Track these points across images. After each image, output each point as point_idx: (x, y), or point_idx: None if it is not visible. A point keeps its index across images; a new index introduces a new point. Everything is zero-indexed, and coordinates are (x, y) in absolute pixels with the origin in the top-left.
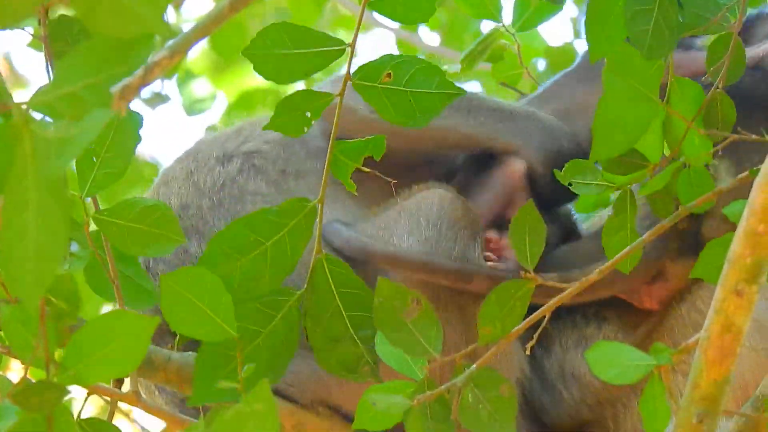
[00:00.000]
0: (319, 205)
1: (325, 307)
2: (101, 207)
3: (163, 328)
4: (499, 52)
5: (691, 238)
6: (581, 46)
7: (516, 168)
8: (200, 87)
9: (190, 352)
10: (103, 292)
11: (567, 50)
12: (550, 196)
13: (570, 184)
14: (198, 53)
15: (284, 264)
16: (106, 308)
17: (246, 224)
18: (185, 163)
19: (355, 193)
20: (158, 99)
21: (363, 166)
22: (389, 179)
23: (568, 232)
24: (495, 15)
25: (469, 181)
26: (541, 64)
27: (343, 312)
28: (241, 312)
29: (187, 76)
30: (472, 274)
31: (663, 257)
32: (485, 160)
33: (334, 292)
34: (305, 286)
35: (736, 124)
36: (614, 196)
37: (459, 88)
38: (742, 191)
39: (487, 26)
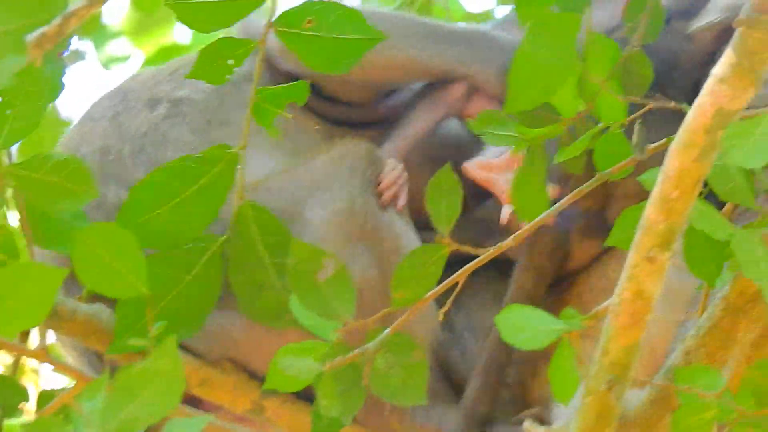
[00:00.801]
0: (242, 152)
1: (249, 254)
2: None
3: (69, 278)
4: (426, 5)
5: (596, 218)
6: (502, 14)
7: (456, 89)
8: (119, 46)
9: (97, 304)
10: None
11: (487, 17)
12: None
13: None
14: (120, 13)
15: (206, 212)
16: None
17: (166, 172)
18: (114, 101)
19: (281, 139)
20: (75, 56)
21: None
22: (315, 125)
23: None
24: None
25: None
26: None
27: (267, 259)
28: (161, 260)
29: (107, 35)
30: None
31: (571, 233)
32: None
33: (258, 239)
34: (228, 233)
35: (656, 85)
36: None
37: (379, 33)
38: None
39: None
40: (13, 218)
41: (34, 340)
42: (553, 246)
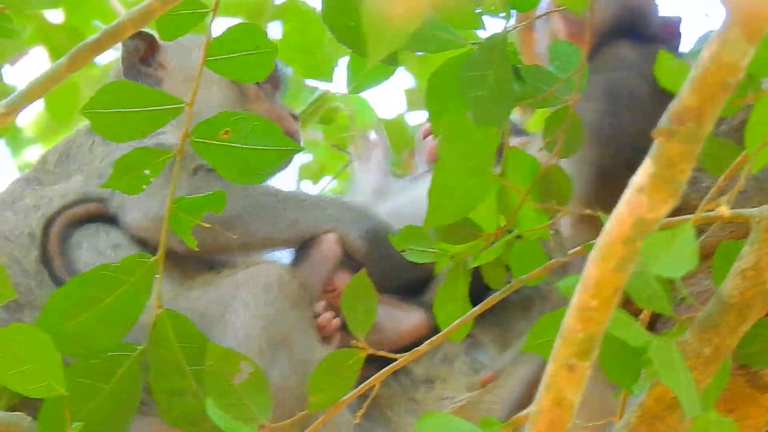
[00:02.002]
0: (159, 262)
1: (168, 361)
2: None
3: None
4: (331, 114)
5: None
6: (414, 119)
7: (328, 241)
8: (33, 151)
9: (18, 412)
10: None
11: (398, 122)
12: (386, 272)
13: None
14: (32, 116)
15: (124, 320)
16: None
17: (84, 281)
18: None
19: (196, 248)
20: None
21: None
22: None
23: None
24: (326, 75)
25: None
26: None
27: (185, 366)
28: (81, 368)
29: (20, 139)
30: None
31: None
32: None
33: (176, 347)
34: (147, 341)
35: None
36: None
37: (296, 144)
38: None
39: None
40: None
41: None
42: None
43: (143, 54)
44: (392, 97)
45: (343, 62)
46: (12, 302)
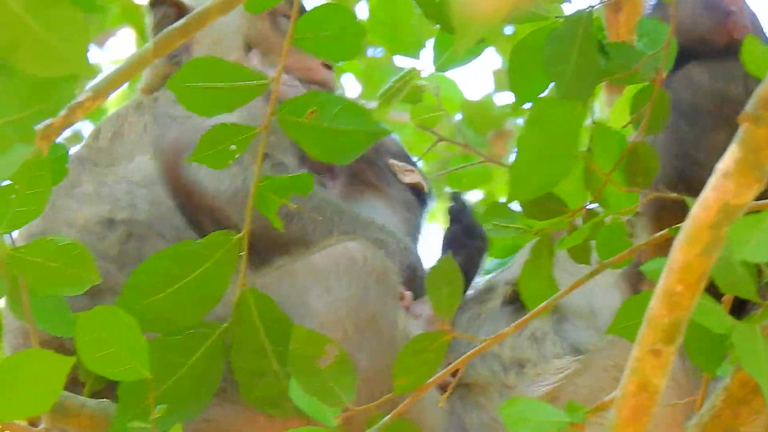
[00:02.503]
0: (243, 239)
1: (250, 341)
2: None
3: (74, 377)
4: (417, 92)
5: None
6: (501, 100)
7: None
8: None
9: (103, 399)
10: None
11: (485, 103)
12: None
13: None
14: (119, 94)
15: (208, 297)
16: None
17: (169, 257)
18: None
19: (282, 230)
20: (75, 139)
21: None
22: (317, 217)
23: None
24: (413, 51)
25: None
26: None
27: (268, 347)
28: (163, 345)
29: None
30: None
31: None
32: None
33: (259, 327)
34: (230, 319)
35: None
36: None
37: (383, 128)
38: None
39: None
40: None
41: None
42: None
43: (173, 20)
44: (480, 78)
45: (431, 43)
46: (93, 287)
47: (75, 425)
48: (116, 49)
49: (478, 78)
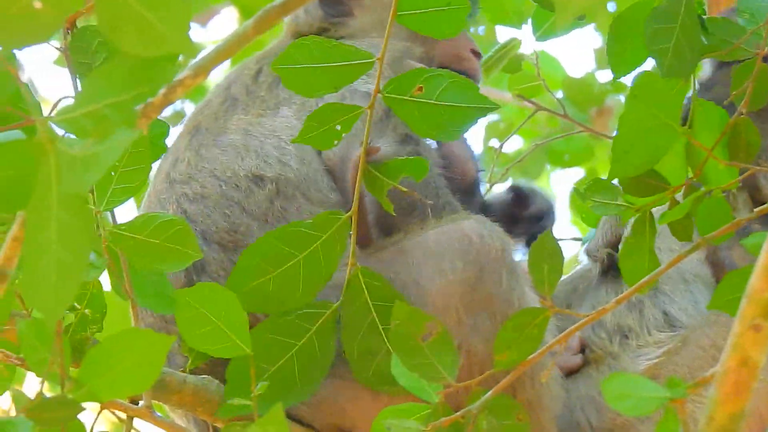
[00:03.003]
0: (353, 217)
1: (361, 320)
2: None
3: (174, 353)
4: (517, 62)
5: None
6: (603, 77)
7: None
8: None
9: (204, 375)
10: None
11: (587, 81)
12: None
13: None
14: (220, 73)
15: (318, 276)
16: None
17: (278, 237)
18: (209, 179)
19: (393, 213)
20: (178, 117)
21: None
22: (426, 200)
23: None
24: (514, 20)
25: None
26: (559, 95)
27: (380, 325)
28: (273, 325)
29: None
30: None
31: None
32: None
33: (371, 305)
34: (341, 299)
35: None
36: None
37: (492, 102)
38: None
39: None
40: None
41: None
42: None
43: None
44: (581, 57)
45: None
46: (232, 243)
47: (176, 401)
48: (219, 28)
49: (580, 57)
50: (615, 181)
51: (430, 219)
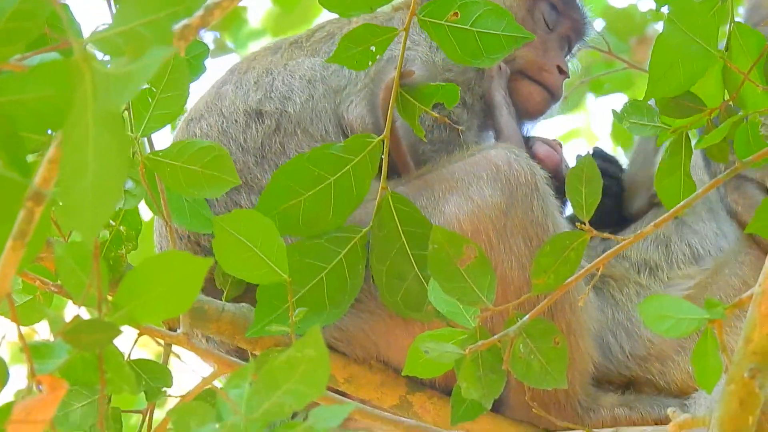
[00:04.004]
0: (385, 141)
1: (391, 244)
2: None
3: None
4: None
5: None
6: (644, 6)
7: None
8: (259, 44)
9: (242, 303)
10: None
11: (629, 12)
12: None
13: None
14: (262, 13)
15: (349, 200)
16: None
17: (309, 160)
18: (214, 116)
19: (424, 139)
20: (221, 49)
21: None
22: (458, 126)
23: None
24: None
25: None
26: (599, 25)
27: (409, 251)
28: (303, 248)
29: (249, 34)
30: None
31: None
32: None
33: (400, 230)
34: (371, 223)
35: None
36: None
37: (527, 32)
38: None
39: None
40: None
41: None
42: None
43: None
44: None
45: None
46: None
47: (215, 330)
48: None
49: None
50: (652, 104)
51: (457, 151)
